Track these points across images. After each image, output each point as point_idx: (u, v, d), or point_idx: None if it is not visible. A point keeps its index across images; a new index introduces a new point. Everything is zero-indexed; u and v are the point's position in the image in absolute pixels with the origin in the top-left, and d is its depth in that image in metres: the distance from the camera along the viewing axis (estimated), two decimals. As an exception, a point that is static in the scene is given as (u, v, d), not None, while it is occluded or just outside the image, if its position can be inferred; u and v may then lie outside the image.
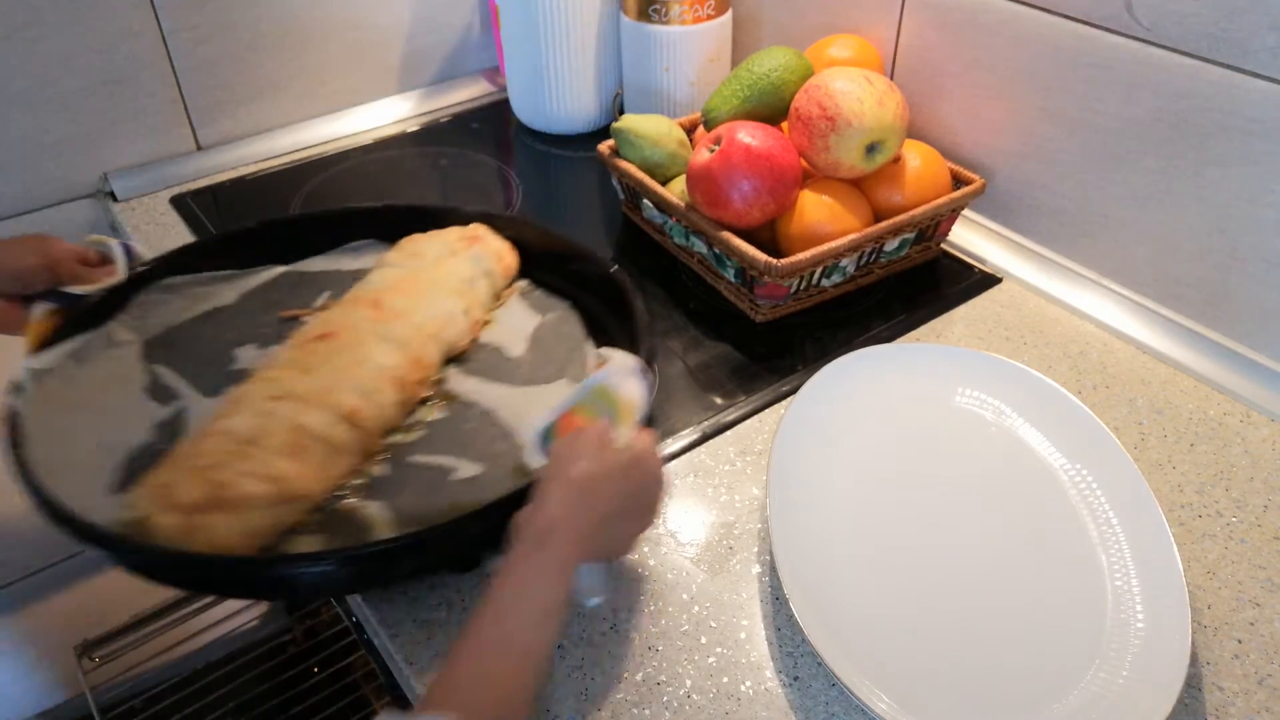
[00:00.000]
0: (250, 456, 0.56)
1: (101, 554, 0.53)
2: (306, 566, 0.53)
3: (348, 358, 0.63)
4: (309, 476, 0.57)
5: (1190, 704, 0.52)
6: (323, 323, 0.67)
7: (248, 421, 0.58)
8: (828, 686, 0.53)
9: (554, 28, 1.00)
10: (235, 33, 1.00)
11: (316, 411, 0.59)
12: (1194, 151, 0.71)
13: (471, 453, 0.62)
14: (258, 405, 0.59)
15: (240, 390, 0.62)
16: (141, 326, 0.72)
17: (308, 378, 0.62)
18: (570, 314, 0.75)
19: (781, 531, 0.56)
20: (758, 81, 0.82)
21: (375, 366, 0.64)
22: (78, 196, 0.99)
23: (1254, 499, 0.63)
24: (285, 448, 0.57)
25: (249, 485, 0.55)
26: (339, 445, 0.59)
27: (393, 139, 1.09)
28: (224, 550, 0.54)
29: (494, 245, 0.77)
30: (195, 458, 0.56)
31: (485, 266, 0.75)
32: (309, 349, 0.65)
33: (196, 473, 0.55)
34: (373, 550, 0.53)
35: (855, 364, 0.67)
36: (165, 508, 0.54)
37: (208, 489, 0.54)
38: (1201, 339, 0.75)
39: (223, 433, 0.58)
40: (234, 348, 0.71)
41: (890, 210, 0.79)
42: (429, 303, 0.70)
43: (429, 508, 0.58)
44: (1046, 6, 0.76)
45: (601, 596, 0.55)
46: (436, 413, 0.66)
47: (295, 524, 0.57)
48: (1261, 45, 0.64)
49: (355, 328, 0.66)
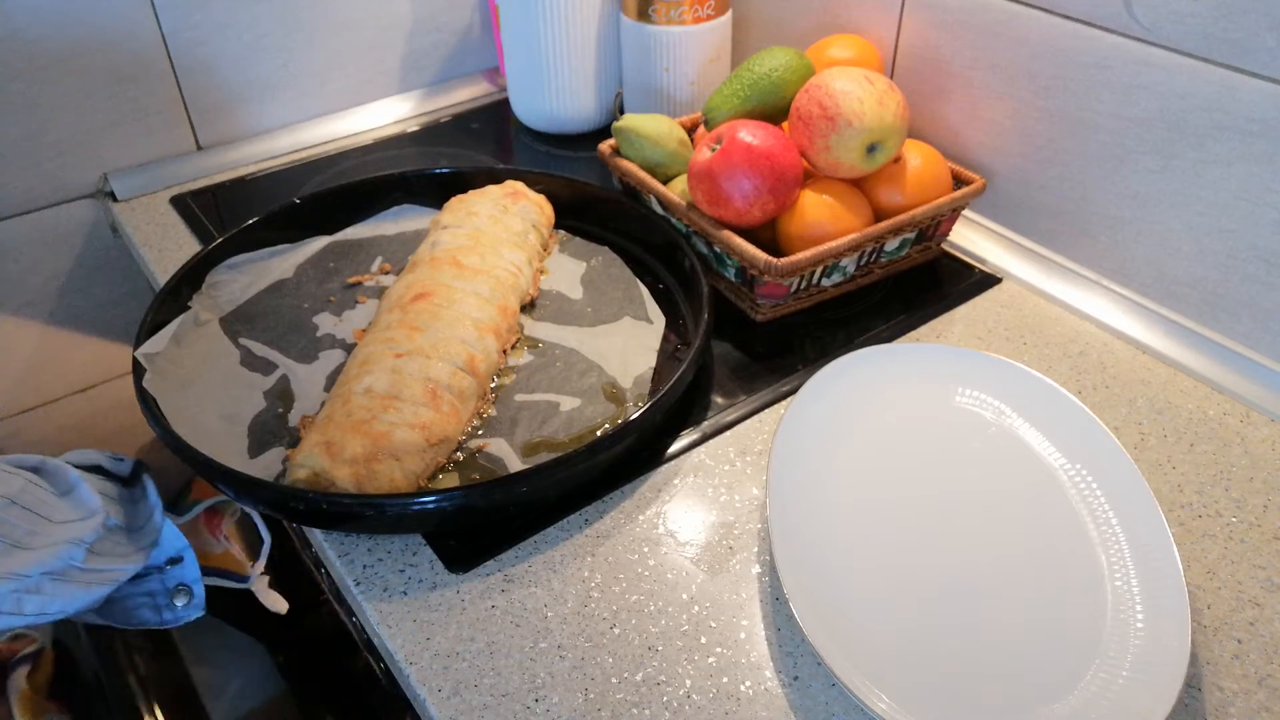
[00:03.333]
0: (396, 409, 0.62)
1: (297, 513, 0.59)
2: (521, 484, 0.58)
3: (450, 314, 0.70)
4: (448, 421, 0.64)
5: (1190, 704, 0.52)
6: (415, 285, 0.73)
7: (385, 378, 0.64)
8: (828, 686, 0.53)
9: (554, 28, 1.00)
10: (235, 33, 1.00)
11: (439, 363, 0.66)
12: (1194, 151, 0.71)
13: (567, 388, 0.70)
14: (387, 363, 0.65)
15: (364, 353, 0.68)
16: (215, 305, 0.77)
17: (421, 335, 0.68)
18: (613, 256, 0.83)
19: (781, 531, 0.56)
20: (758, 81, 0.82)
21: (474, 319, 0.70)
22: (78, 196, 0.99)
23: (1254, 499, 0.63)
24: (423, 397, 0.64)
25: (403, 434, 0.61)
26: (464, 391, 0.66)
27: (393, 139, 1.09)
28: (393, 491, 0.59)
29: (534, 198, 0.84)
30: (347, 416, 0.62)
31: (532, 219, 0.83)
32: (412, 309, 0.70)
33: (355, 427, 0.61)
34: (561, 464, 0.59)
35: (855, 364, 0.67)
36: (339, 462, 0.59)
37: (370, 440, 0.60)
38: (1201, 339, 0.75)
39: (365, 390, 0.64)
40: (311, 316, 0.77)
41: (890, 210, 0.79)
42: (498, 257, 0.76)
43: (544, 437, 0.66)
44: (1046, 6, 0.76)
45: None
46: (524, 356, 0.73)
47: (443, 464, 0.64)
48: (1261, 45, 0.64)
49: (448, 286, 0.72)
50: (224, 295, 0.78)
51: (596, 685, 0.53)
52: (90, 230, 1.01)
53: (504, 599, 0.58)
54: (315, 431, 0.62)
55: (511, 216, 0.81)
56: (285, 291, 0.80)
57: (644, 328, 0.76)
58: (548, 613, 0.57)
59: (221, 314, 0.76)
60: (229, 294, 0.78)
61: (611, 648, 0.55)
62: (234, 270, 0.80)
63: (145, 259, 0.90)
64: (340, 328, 0.76)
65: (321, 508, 0.58)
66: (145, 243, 0.91)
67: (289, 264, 0.82)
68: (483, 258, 0.75)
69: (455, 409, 0.65)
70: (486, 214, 0.80)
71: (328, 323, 0.77)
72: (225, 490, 0.60)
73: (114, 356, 1.10)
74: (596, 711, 0.52)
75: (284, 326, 0.76)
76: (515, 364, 0.73)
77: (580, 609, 0.57)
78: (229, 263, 0.80)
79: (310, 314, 0.77)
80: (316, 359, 0.73)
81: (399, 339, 0.67)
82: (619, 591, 0.58)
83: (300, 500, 0.57)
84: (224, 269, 0.79)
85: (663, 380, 0.71)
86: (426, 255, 0.77)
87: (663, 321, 0.76)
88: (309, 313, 0.77)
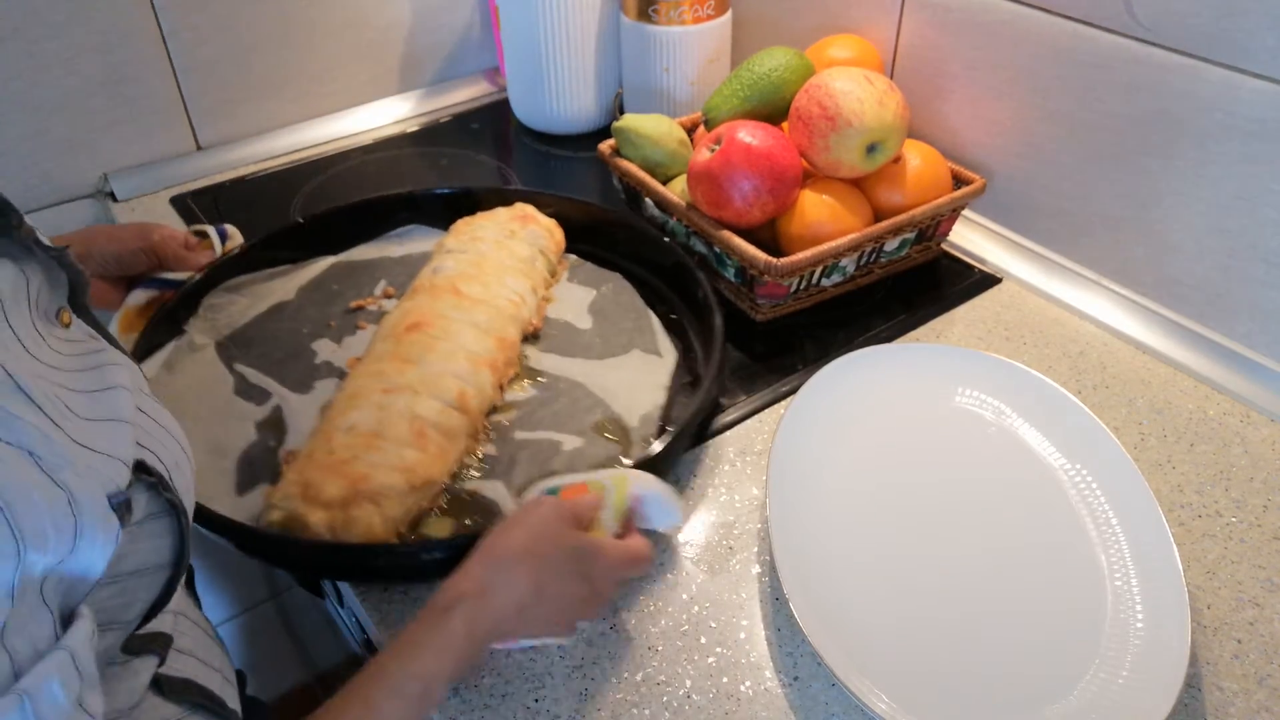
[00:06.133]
0: (379, 449, 0.59)
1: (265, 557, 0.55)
2: None
3: (444, 346, 0.66)
4: (433, 462, 0.60)
5: (1190, 704, 0.52)
6: (410, 313, 0.70)
7: (369, 415, 0.61)
8: (828, 686, 0.53)
9: (554, 28, 1.00)
10: (235, 33, 1.00)
11: (428, 400, 0.62)
12: (1194, 151, 0.71)
13: (570, 426, 0.66)
14: (373, 399, 0.62)
15: (352, 386, 0.65)
16: (212, 328, 0.74)
17: (412, 368, 0.64)
18: (624, 284, 0.80)
19: (781, 531, 0.56)
20: (758, 81, 0.82)
21: (469, 352, 0.67)
22: (78, 196, 0.99)
23: (1254, 499, 0.63)
24: (408, 437, 0.60)
25: (384, 476, 0.58)
26: (453, 430, 0.63)
27: (393, 139, 1.09)
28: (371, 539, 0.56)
29: (544, 223, 0.81)
30: (328, 454, 0.59)
31: (540, 245, 0.79)
32: (405, 340, 0.67)
33: (333, 468, 0.58)
34: None
35: (855, 364, 0.67)
36: (314, 505, 0.56)
37: (348, 483, 0.57)
38: (1201, 339, 0.75)
39: (348, 429, 0.60)
40: (310, 342, 0.74)
41: (890, 210, 0.79)
42: (501, 285, 0.73)
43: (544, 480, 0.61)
44: (1046, 6, 0.76)
45: (671, 524, 0.56)
46: (526, 390, 0.69)
47: (426, 509, 0.60)
48: (1261, 45, 0.64)
49: (443, 316, 0.69)
50: (222, 318, 0.75)
51: (596, 685, 0.53)
52: (90, 230, 1.01)
53: (504, 599, 0.58)
54: (295, 470, 0.59)
55: (518, 242, 0.77)
56: (285, 315, 0.76)
57: (654, 362, 0.72)
58: (548, 613, 0.57)
59: (219, 337, 0.73)
60: (227, 316, 0.75)
61: (611, 648, 0.55)
62: (233, 292, 0.76)
63: (145, 259, 0.90)
64: (339, 355, 0.73)
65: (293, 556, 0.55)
66: (145, 243, 0.91)
67: (291, 286, 0.79)
68: (485, 286, 0.72)
69: (442, 449, 0.61)
70: (492, 239, 0.77)
71: (327, 349, 0.73)
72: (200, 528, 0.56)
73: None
74: (596, 711, 0.52)
75: (282, 353, 0.72)
76: (516, 399, 0.69)
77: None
78: (228, 284, 0.77)
79: (309, 339, 0.74)
80: (312, 389, 0.69)
81: (389, 372, 0.64)
82: (619, 591, 0.58)
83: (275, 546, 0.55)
84: (222, 290, 0.76)
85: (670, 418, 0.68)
86: (427, 281, 0.73)
87: (674, 356, 0.73)
88: (308, 338, 0.74)
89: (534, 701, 0.52)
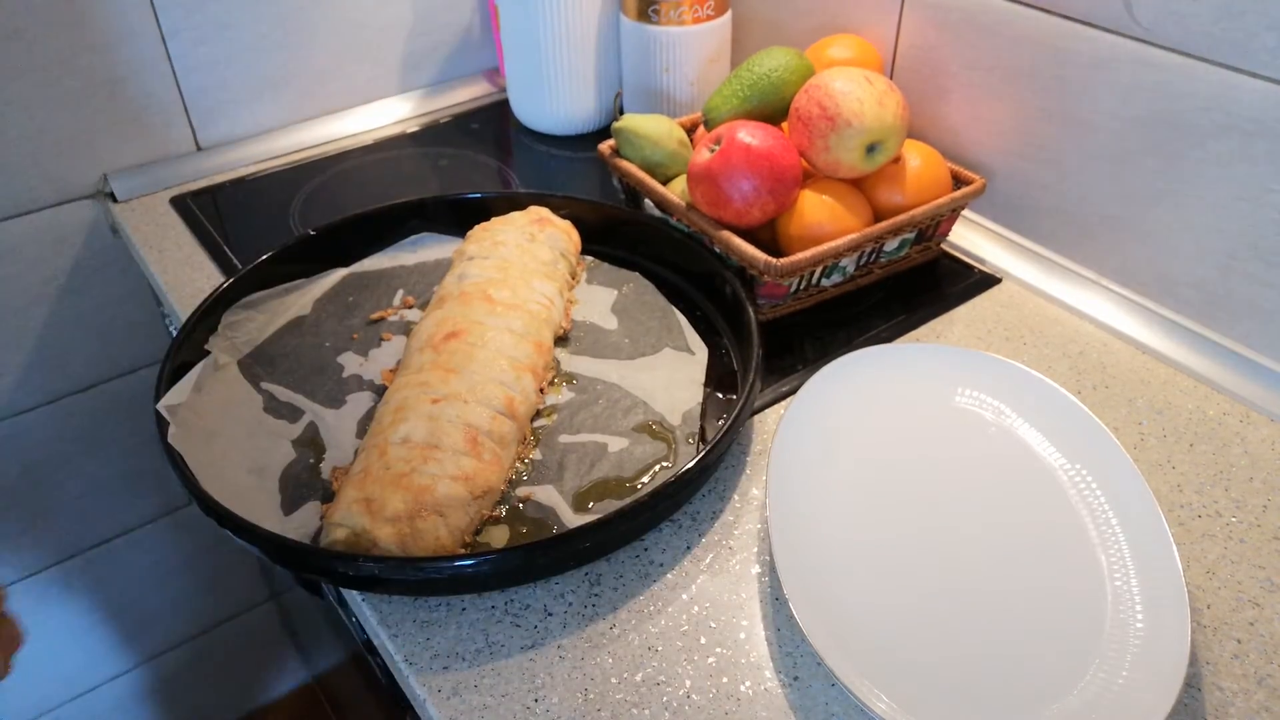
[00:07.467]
0: (436, 459, 0.59)
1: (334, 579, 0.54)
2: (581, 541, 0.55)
3: (484, 353, 0.66)
4: (490, 469, 0.60)
5: (1190, 704, 0.52)
6: (445, 322, 0.69)
7: (421, 426, 0.60)
8: (828, 686, 0.53)
9: (554, 28, 1.00)
10: (235, 33, 1.00)
11: (477, 408, 0.62)
12: (1194, 151, 0.71)
13: (613, 427, 0.66)
14: (423, 409, 0.61)
15: (397, 398, 0.63)
16: (232, 346, 0.72)
17: (455, 377, 0.64)
18: (645, 283, 0.80)
19: (781, 531, 0.56)
20: (758, 81, 0.82)
21: (510, 358, 0.67)
22: (78, 197, 0.99)
23: (1254, 499, 0.63)
24: (463, 446, 0.60)
25: (445, 487, 0.58)
26: (504, 437, 0.63)
27: (393, 139, 1.09)
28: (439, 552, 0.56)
29: (560, 225, 0.81)
30: (385, 469, 0.58)
31: (561, 247, 0.79)
32: (444, 349, 0.66)
33: (394, 481, 0.57)
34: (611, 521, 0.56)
35: (855, 364, 0.67)
36: (380, 520, 0.55)
37: (411, 495, 0.56)
38: (1201, 339, 0.75)
39: (402, 440, 0.60)
40: (335, 356, 0.73)
41: (890, 210, 0.79)
42: (529, 289, 0.73)
43: (595, 481, 0.62)
44: (1046, 6, 0.76)
45: None
46: (563, 393, 0.69)
47: (486, 517, 0.60)
48: (1261, 45, 0.64)
49: (479, 323, 0.68)
50: (241, 336, 0.73)
51: (596, 685, 0.53)
52: (90, 231, 1.01)
53: (503, 599, 0.58)
54: (352, 486, 0.58)
55: (539, 245, 0.77)
56: (305, 329, 0.75)
57: (686, 359, 0.72)
58: (547, 613, 0.57)
59: (239, 356, 0.72)
60: (246, 334, 0.74)
61: (611, 648, 0.55)
62: (250, 309, 0.75)
63: (145, 260, 0.90)
64: (367, 368, 0.72)
65: (373, 573, 0.54)
66: (145, 243, 0.91)
67: (306, 299, 0.78)
68: (514, 290, 0.72)
69: (497, 456, 0.61)
70: (514, 243, 0.76)
71: (353, 363, 0.72)
72: (261, 555, 0.55)
73: (114, 357, 1.10)
74: (596, 711, 0.52)
75: (306, 368, 0.72)
76: (555, 402, 0.68)
77: (580, 609, 0.57)
78: (244, 301, 0.75)
79: (333, 353, 0.73)
80: (344, 403, 0.69)
81: (434, 382, 0.63)
82: (619, 592, 0.58)
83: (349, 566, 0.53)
84: (239, 308, 0.75)
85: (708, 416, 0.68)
86: (454, 289, 0.72)
87: (705, 352, 0.73)
88: (331, 352, 0.73)
89: (534, 701, 0.52)
